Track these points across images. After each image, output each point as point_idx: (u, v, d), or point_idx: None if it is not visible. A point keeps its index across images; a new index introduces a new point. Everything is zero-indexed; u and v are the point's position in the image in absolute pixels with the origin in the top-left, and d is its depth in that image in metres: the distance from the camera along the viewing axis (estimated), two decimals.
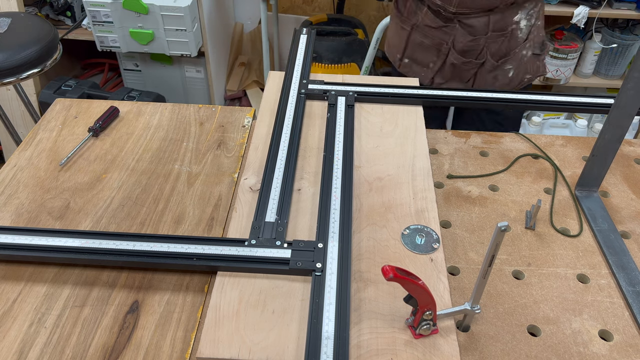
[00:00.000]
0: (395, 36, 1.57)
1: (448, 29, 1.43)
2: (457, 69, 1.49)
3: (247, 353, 0.74)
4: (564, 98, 1.23)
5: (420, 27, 1.48)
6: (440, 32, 1.45)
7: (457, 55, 1.45)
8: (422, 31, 1.48)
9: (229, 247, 0.87)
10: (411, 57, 1.54)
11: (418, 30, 1.49)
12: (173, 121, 1.23)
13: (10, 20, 1.81)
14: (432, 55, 1.50)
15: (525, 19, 1.42)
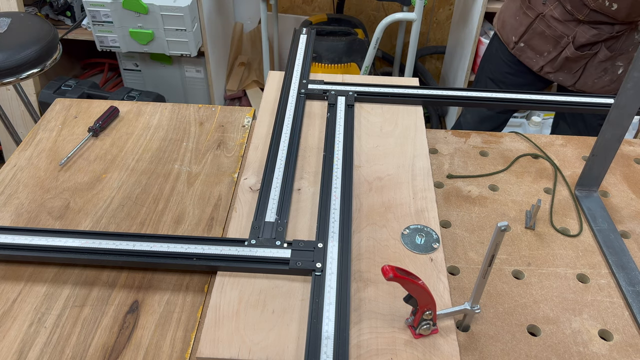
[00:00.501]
0: (515, 20, 1.64)
1: (572, 24, 1.51)
2: (569, 61, 1.56)
3: (247, 353, 0.74)
4: (564, 98, 1.23)
5: (546, 17, 1.55)
6: (564, 26, 1.52)
7: (573, 50, 1.53)
8: (547, 22, 1.55)
9: (229, 247, 0.87)
10: (527, 43, 1.62)
11: (543, 20, 1.56)
12: (173, 121, 1.23)
13: (10, 20, 1.81)
14: (550, 45, 1.57)
15: None
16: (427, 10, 2.90)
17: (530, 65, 1.64)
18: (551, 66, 1.60)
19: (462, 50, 2.55)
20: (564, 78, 1.60)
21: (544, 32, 1.57)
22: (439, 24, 2.99)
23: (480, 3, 2.27)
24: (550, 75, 1.62)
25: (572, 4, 1.51)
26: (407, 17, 2.36)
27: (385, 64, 3.07)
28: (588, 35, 1.50)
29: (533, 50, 1.61)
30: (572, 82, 1.62)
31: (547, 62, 1.59)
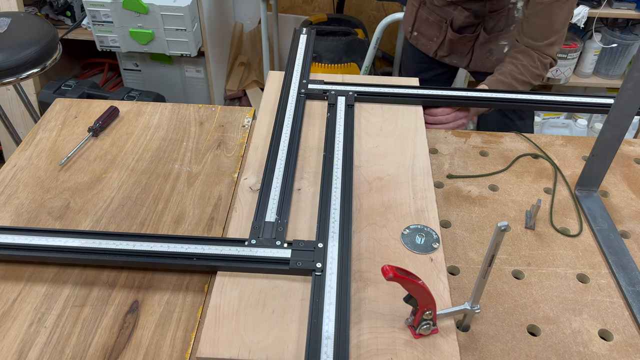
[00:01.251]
0: (408, 10, 1.73)
1: (450, 8, 1.55)
2: (455, 44, 1.62)
3: (247, 353, 0.74)
4: (564, 98, 1.23)
5: (427, 4, 1.62)
6: (442, 10, 1.58)
7: (453, 32, 1.57)
8: (429, 8, 1.62)
9: (229, 247, 0.87)
10: (419, 31, 1.69)
11: (425, 7, 1.63)
12: (173, 121, 1.23)
13: (10, 20, 1.81)
14: (436, 30, 1.63)
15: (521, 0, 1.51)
16: None
17: (426, 52, 1.71)
18: (443, 50, 1.66)
19: None
20: (458, 60, 1.67)
21: (428, 19, 1.64)
22: None
23: None
24: (445, 58, 1.68)
25: None
26: None
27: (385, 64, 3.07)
28: (462, 17, 1.54)
29: (425, 37, 1.68)
30: (465, 64, 1.68)
31: (438, 47, 1.66)
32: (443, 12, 1.59)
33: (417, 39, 1.72)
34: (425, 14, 1.65)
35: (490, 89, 1.32)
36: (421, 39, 1.70)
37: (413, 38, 1.73)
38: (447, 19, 1.58)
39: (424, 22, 1.66)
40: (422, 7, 1.66)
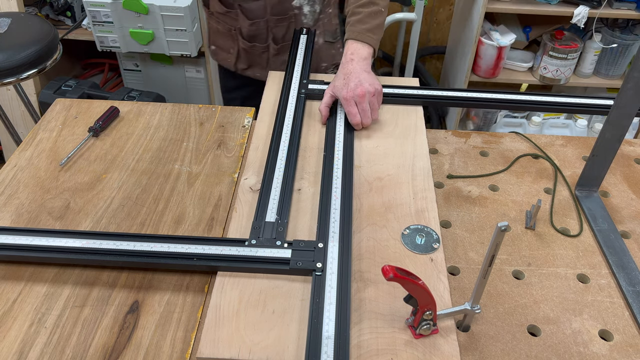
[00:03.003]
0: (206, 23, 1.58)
1: (232, 14, 1.43)
2: (251, 55, 1.48)
3: (247, 353, 0.74)
4: (563, 99, 1.23)
5: (215, 14, 1.48)
6: (228, 17, 1.45)
7: (243, 40, 1.45)
8: (216, 17, 1.48)
9: (229, 247, 0.87)
10: (216, 44, 1.55)
11: (213, 17, 1.50)
12: (173, 121, 1.23)
13: (10, 20, 1.81)
14: (230, 41, 1.50)
15: (307, 4, 1.40)
16: (427, 10, 2.90)
17: (227, 66, 1.55)
18: (242, 62, 1.51)
19: (462, 50, 2.55)
20: (260, 73, 1.50)
21: (219, 29, 1.50)
22: (439, 24, 2.99)
23: (480, 3, 2.27)
24: (247, 71, 1.53)
25: None
26: (407, 17, 2.36)
27: (385, 64, 3.07)
28: (247, 25, 1.41)
29: (222, 50, 1.54)
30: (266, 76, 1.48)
31: (236, 59, 1.51)
32: (229, 19, 1.44)
33: (215, 52, 1.56)
34: (215, 24, 1.50)
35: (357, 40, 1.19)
36: (219, 52, 1.55)
37: (212, 52, 1.57)
38: (235, 26, 1.44)
39: (217, 33, 1.52)
40: (210, 17, 1.51)
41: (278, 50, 1.45)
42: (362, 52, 1.17)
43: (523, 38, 2.55)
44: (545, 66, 2.45)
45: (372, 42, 1.20)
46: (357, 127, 1.13)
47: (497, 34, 2.41)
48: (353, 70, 1.15)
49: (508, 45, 2.40)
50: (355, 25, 1.20)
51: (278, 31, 1.42)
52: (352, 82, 1.13)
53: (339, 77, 1.16)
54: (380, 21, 1.21)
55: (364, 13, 1.20)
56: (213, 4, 1.46)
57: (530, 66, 2.55)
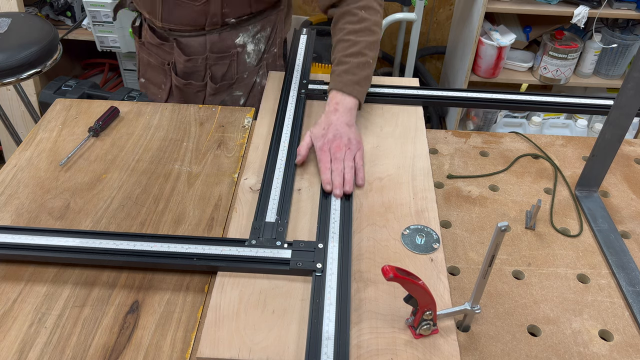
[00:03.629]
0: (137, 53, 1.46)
1: (167, 47, 1.31)
2: (185, 93, 1.36)
3: (247, 353, 0.74)
4: (563, 99, 1.23)
5: (146, 44, 1.37)
6: (161, 50, 1.33)
7: (177, 77, 1.33)
8: (148, 48, 1.37)
9: (229, 247, 0.87)
10: (145, 77, 1.44)
11: (144, 48, 1.38)
12: (173, 121, 1.23)
13: (10, 20, 1.81)
14: (161, 75, 1.38)
15: (251, 42, 1.32)
16: (427, 10, 2.90)
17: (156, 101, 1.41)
18: (174, 99, 1.39)
19: (462, 50, 2.55)
20: None
21: (150, 61, 1.38)
22: (439, 24, 2.99)
23: (480, 3, 2.27)
24: None
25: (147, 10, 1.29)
26: (407, 17, 2.36)
27: (385, 64, 3.07)
28: (182, 61, 1.30)
29: (153, 84, 1.42)
30: None
31: (168, 96, 1.39)
32: (162, 52, 1.33)
33: (145, 86, 1.45)
34: (146, 57, 1.38)
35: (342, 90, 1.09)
36: (150, 86, 1.43)
37: (142, 85, 1.46)
38: (170, 60, 1.32)
39: (148, 65, 1.40)
40: (141, 48, 1.39)
41: (216, 90, 1.35)
42: (347, 103, 1.08)
43: (523, 38, 2.55)
44: (545, 66, 2.46)
45: (359, 95, 1.10)
46: (326, 186, 0.98)
47: (497, 34, 2.41)
48: (335, 121, 1.05)
49: (508, 45, 2.40)
50: (341, 76, 1.10)
51: (217, 70, 1.32)
52: (330, 133, 1.04)
53: (319, 125, 1.07)
54: (368, 73, 1.11)
55: (351, 63, 1.10)
56: (145, 33, 1.36)
57: (530, 66, 2.55)
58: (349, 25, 1.12)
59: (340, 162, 1.01)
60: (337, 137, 1.03)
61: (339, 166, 1.00)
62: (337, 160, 1.01)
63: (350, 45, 1.11)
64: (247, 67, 1.35)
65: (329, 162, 1.01)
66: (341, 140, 1.03)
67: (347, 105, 1.08)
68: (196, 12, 1.23)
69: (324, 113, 1.08)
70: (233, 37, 1.29)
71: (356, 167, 1.02)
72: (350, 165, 1.01)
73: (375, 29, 1.13)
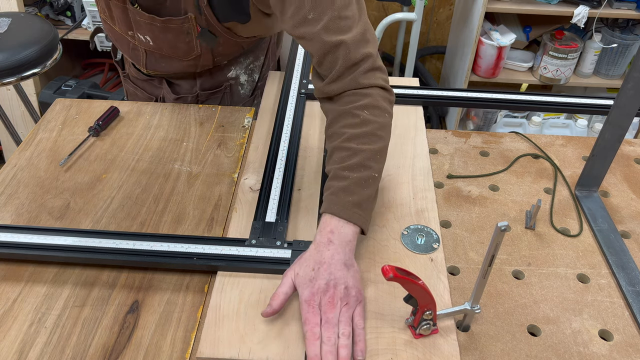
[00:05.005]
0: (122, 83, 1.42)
1: (156, 82, 1.28)
2: None
3: (247, 353, 0.74)
4: (563, 99, 1.23)
5: (131, 78, 1.32)
6: (148, 84, 1.28)
7: None
8: (133, 82, 1.32)
9: (229, 247, 0.87)
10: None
11: (129, 80, 1.33)
12: (173, 121, 1.23)
13: (10, 20, 1.81)
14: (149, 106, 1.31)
15: (244, 74, 1.27)
16: (427, 10, 2.90)
17: None
18: None
19: (462, 50, 2.55)
20: None
21: (136, 94, 1.32)
22: (439, 24, 2.99)
23: (480, 3, 2.27)
24: None
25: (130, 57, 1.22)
26: (407, 17, 2.36)
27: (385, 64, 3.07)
28: (172, 99, 1.26)
29: None
30: None
31: None
32: (150, 86, 1.28)
33: None
34: (132, 89, 1.33)
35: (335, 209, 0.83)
36: None
37: None
38: (158, 95, 1.28)
39: (134, 96, 1.35)
40: (126, 80, 1.33)
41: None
42: (345, 233, 0.81)
43: (523, 38, 2.55)
44: (545, 66, 2.46)
45: (361, 222, 0.83)
46: None
47: (497, 34, 2.41)
48: (329, 260, 0.79)
49: (508, 45, 2.41)
50: (338, 195, 0.83)
51: (211, 103, 1.28)
52: (321, 278, 0.77)
53: (306, 263, 0.80)
54: (372, 191, 0.85)
55: (351, 179, 0.83)
56: (129, 68, 1.29)
57: (530, 66, 2.55)
58: (349, 130, 0.86)
59: (333, 328, 0.74)
60: (330, 285, 0.77)
61: (331, 335, 0.73)
62: (329, 325, 0.74)
63: (350, 155, 0.85)
64: (241, 98, 1.29)
65: (318, 327, 0.75)
66: (336, 291, 0.77)
67: (344, 236, 0.81)
68: (185, 65, 1.18)
69: (313, 244, 0.82)
70: (225, 73, 1.24)
71: (355, 333, 0.75)
72: (347, 332, 0.74)
73: (381, 134, 0.87)
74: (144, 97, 1.33)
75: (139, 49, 1.16)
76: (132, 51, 1.19)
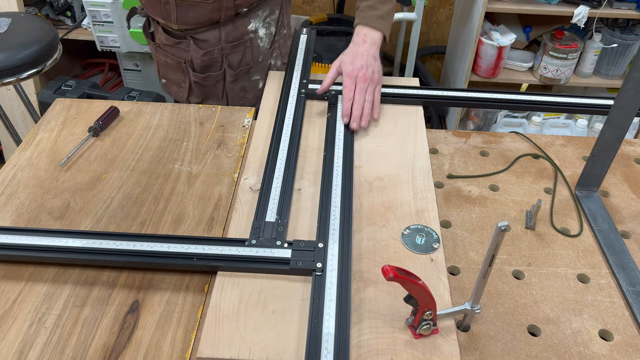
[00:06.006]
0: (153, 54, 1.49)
1: (183, 45, 1.35)
2: (204, 87, 1.40)
3: (247, 353, 0.74)
4: (563, 99, 1.23)
5: (162, 46, 1.40)
6: (177, 49, 1.37)
7: (195, 73, 1.37)
8: (164, 50, 1.40)
9: (229, 247, 0.87)
10: (165, 77, 1.48)
11: (160, 50, 1.41)
12: (173, 121, 1.23)
13: (10, 20, 1.81)
14: (180, 74, 1.42)
15: (262, 27, 1.36)
16: (427, 10, 2.90)
17: (179, 99, 1.47)
18: (195, 96, 1.43)
19: (462, 50, 2.55)
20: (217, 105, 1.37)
21: (167, 62, 1.41)
22: (439, 24, 2.99)
23: (480, 3, 2.27)
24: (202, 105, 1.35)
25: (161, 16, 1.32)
26: (407, 17, 2.36)
27: (386, 64, 3.07)
28: (199, 56, 1.33)
29: (174, 83, 1.46)
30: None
31: (189, 93, 1.43)
32: (179, 50, 1.37)
33: (167, 86, 1.49)
34: (164, 58, 1.42)
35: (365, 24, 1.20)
36: (171, 85, 1.47)
37: (164, 85, 1.50)
38: (186, 58, 1.37)
39: (166, 65, 1.44)
40: (158, 50, 1.42)
41: (235, 77, 1.38)
42: (374, 36, 1.18)
43: (523, 38, 2.55)
44: (545, 66, 2.45)
45: (383, 28, 1.20)
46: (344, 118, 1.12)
47: (497, 34, 2.41)
48: (364, 52, 1.16)
49: (508, 45, 2.40)
50: (365, 11, 1.20)
51: (233, 58, 1.36)
52: (359, 61, 1.15)
53: (347, 54, 1.18)
54: (390, 7, 1.21)
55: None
56: (159, 36, 1.39)
57: (531, 66, 2.55)
58: None
59: (362, 94, 1.13)
60: (364, 67, 1.14)
61: (360, 97, 1.13)
62: (360, 91, 1.13)
63: None
64: (261, 51, 1.40)
65: (352, 92, 1.13)
66: (367, 71, 1.14)
67: (374, 38, 1.18)
68: (210, 10, 1.27)
69: (351, 44, 1.19)
70: (245, 25, 1.34)
71: (374, 102, 1.15)
72: (370, 99, 1.14)
73: None
74: (174, 63, 1.40)
75: (170, 3, 1.26)
76: (164, 6, 1.28)
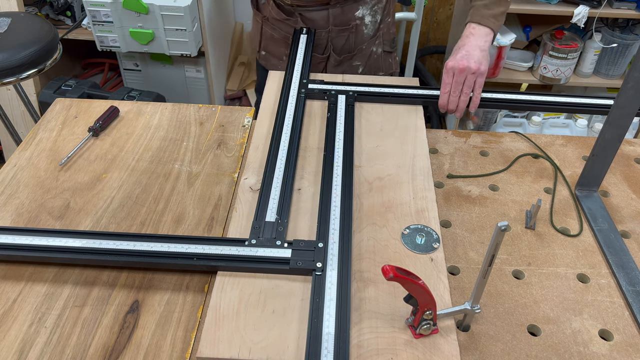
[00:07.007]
0: (254, 27, 1.57)
1: (291, 22, 1.42)
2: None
3: (247, 353, 0.74)
4: (563, 99, 1.23)
5: (270, 20, 1.47)
6: (285, 25, 1.43)
7: None
8: (272, 24, 1.47)
9: (229, 247, 0.87)
10: (267, 50, 1.54)
11: (268, 23, 1.48)
12: (173, 121, 1.23)
13: (10, 20, 1.81)
14: (283, 48, 1.48)
15: (369, 14, 1.40)
16: (427, 10, 2.90)
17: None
18: None
19: None
20: None
21: (273, 35, 1.48)
22: (439, 24, 2.99)
23: None
24: None
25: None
26: (407, 17, 2.36)
27: None
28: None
29: (274, 57, 1.53)
30: None
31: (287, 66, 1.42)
32: (286, 26, 1.43)
33: (266, 58, 1.55)
34: (270, 31, 1.48)
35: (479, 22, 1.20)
36: (270, 58, 1.53)
37: (262, 58, 1.57)
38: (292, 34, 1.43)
39: (270, 39, 1.50)
40: (265, 23, 1.49)
41: (339, 62, 1.44)
42: (482, 31, 1.18)
43: (523, 38, 2.55)
44: (545, 66, 2.45)
45: (495, 27, 1.20)
46: (440, 109, 1.13)
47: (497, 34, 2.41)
48: (467, 43, 1.16)
49: (508, 45, 2.40)
50: (480, 10, 1.20)
51: (338, 42, 1.42)
52: (460, 53, 1.15)
53: (454, 50, 1.19)
54: (504, 9, 1.21)
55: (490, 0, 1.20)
56: (269, 9, 1.45)
57: (530, 66, 2.55)
58: None
59: (458, 87, 1.13)
60: (464, 57, 1.13)
61: (456, 90, 1.13)
62: (456, 84, 1.13)
63: None
64: (364, 38, 1.42)
65: (449, 85, 1.13)
66: (467, 62, 1.12)
67: (482, 31, 1.18)
68: None
69: (460, 39, 1.19)
70: (353, 10, 1.37)
71: (473, 94, 1.14)
72: (467, 92, 1.13)
73: None
74: (279, 37, 1.46)
75: None
76: None
